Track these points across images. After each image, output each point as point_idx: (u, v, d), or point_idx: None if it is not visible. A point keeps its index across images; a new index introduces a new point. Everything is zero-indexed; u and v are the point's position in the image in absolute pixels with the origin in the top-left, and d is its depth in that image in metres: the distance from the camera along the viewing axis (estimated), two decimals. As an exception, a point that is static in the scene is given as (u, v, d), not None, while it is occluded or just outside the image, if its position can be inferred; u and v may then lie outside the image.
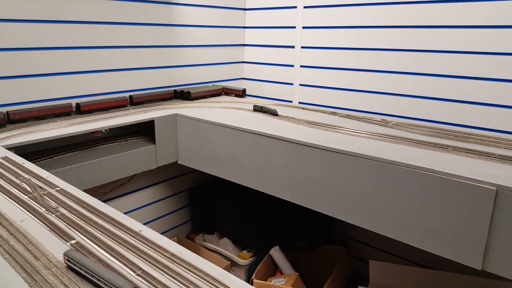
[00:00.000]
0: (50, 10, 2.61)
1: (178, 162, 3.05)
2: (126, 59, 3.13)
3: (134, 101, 3.13)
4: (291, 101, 3.73)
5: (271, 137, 2.42)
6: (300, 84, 3.64)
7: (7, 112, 2.48)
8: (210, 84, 3.84)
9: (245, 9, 3.96)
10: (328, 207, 2.26)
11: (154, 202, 3.54)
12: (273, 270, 3.26)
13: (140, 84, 3.29)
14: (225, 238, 3.50)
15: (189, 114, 2.90)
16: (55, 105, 2.67)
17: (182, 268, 1.10)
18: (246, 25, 3.99)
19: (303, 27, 3.51)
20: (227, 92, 3.74)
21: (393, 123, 2.68)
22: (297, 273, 3.04)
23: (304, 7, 3.46)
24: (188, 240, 3.70)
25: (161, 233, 1.41)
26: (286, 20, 3.62)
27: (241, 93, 3.64)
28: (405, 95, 3.05)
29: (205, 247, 3.53)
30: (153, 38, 3.27)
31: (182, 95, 3.45)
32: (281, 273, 3.18)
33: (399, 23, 2.99)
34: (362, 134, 2.43)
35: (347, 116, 2.88)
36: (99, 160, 2.50)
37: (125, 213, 1.42)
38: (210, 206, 3.63)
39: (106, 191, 3.00)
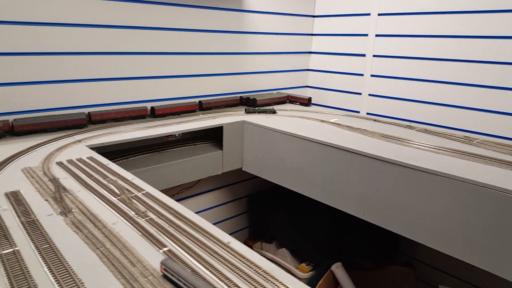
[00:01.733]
0: (129, 17, 2.72)
1: (243, 169, 3.05)
2: (197, 66, 3.19)
3: (203, 107, 3.18)
4: (358, 112, 3.60)
5: (344, 149, 2.32)
6: (370, 94, 3.50)
7: (88, 113, 2.61)
8: (274, 92, 3.81)
9: (313, 16, 3.89)
10: (406, 228, 2.11)
11: (215, 206, 3.57)
12: (334, 287, 3.13)
13: (208, 90, 3.34)
14: (284, 249, 3.43)
15: (256, 122, 2.88)
16: (132, 108, 2.77)
17: (277, 288, 1.05)
18: (314, 32, 3.92)
19: (376, 35, 3.37)
20: (292, 100, 3.69)
21: (478, 141, 2.47)
22: (360, 293, 2.89)
23: (378, 14, 3.32)
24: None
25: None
26: (358, 27, 3.50)
27: (307, 102, 3.57)
28: (490, 111, 2.80)
29: (263, 256, 3.48)
30: (224, 45, 3.31)
31: (248, 102, 3.45)
32: (343, 291, 3.04)
33: (482, 33, 2.76)
34: (444, 151, 2.25)
35: (425, 131, 2.70)
36: (171, 163, 2.56)
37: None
38: (269, 214, 3.58)
39: (174, 193, 3.06)
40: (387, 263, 3.29)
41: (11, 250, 1.16)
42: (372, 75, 3.45)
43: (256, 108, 2.88)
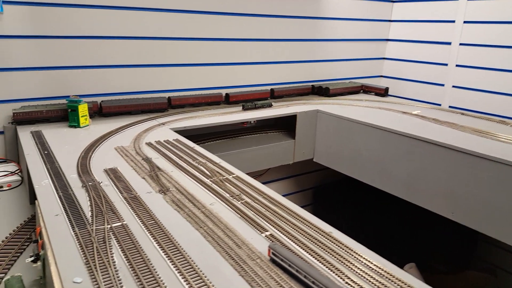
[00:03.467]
0: (209, 2, 2.74)
1: (314, 160, 2.97)
2: (270, 53, 3.14)
3: (275, 95, 3.14)
4: (440, 104, 3.35)
5: (433, 143, 2.16)
6: (454, 86, 3.24)
7: (169, 97, 2.68)
8: (346, 81, 3.67)
9: (393, 1, 3.67)
10: (504, 232, 1.92)
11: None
12: None
13: (280, 78, 3.29)
14: (351, 244, 3.32)
15: (331, 111, 2.79)
16: (208, 94, 2.81)
17: (395, 285, 0.98)
18: (392, 19, 3.71)
19: (464, 22, 3.09)
20: (366, 90, 3.53)
21: None
22: (435, 297, 2.71)
23: (469, -1, 3.05)
24: (309, 239, 3.62)
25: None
26: (443, 13, 3.24)
27: (383, 92, 3.39)
28: None
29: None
30: (297, 31, 3.23)
31: (320, 91, 3.36)
32: (415, 293, 2.88)
33: None
34: (552, 150, 2.01)
35: (523, 127, 2.45)
36: (246, 150, 2.56)
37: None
38: (335, 208, 3.48)
39: (245, 181, 3.07)
40: (463, 267, 3.07)
41: (119, 224, 1.21)
42: (457, 65, 3.19)
43: (254, 104, 2.80)
